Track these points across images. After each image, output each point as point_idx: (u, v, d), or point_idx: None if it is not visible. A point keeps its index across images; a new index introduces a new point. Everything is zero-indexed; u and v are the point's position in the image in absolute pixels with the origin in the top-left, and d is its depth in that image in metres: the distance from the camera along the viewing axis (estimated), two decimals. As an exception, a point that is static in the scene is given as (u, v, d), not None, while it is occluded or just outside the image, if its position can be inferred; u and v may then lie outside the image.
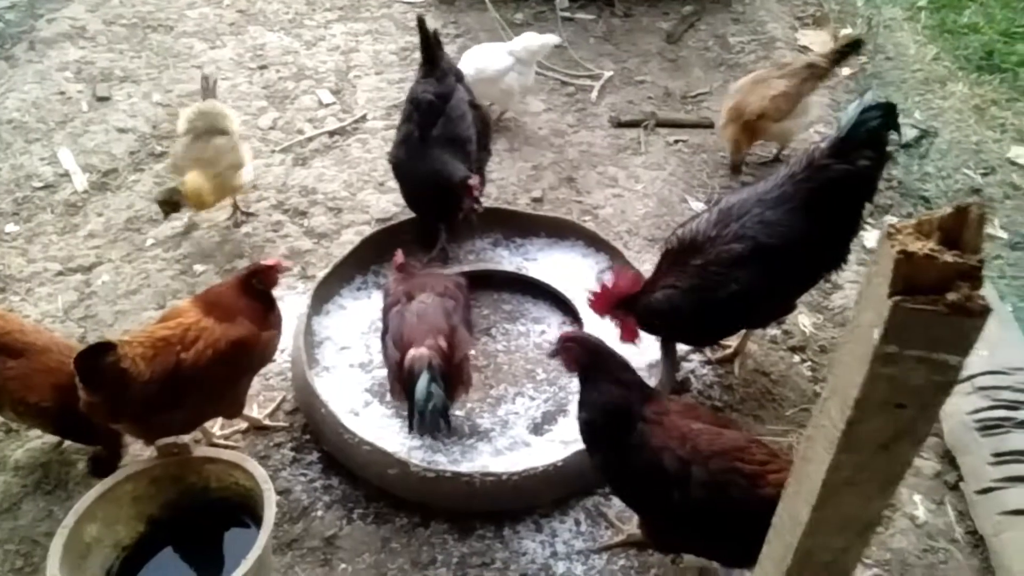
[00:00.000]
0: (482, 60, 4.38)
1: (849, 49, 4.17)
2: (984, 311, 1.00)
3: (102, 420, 2.52)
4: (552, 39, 4.65)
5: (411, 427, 2.72)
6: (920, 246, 1.00)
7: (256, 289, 2.70)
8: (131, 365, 2.38)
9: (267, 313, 2.74)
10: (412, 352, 2.66)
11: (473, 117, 3.64)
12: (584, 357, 2.40)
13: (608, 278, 3.14)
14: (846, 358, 1.16)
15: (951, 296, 1.00)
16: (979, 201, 1.07)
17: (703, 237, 2.85)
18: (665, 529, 2.42)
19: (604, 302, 3.03)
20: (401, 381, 2.72)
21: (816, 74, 4.10)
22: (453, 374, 2.72)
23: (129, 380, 2.37)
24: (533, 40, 4.53)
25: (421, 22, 3.63)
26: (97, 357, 2.32)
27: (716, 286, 2.80)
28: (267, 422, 3.00)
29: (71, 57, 5.14)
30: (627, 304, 3.00)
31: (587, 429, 2.41)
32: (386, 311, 2.96)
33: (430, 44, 3.64)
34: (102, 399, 2.38)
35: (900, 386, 1.09)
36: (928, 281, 1.01)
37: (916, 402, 1.10)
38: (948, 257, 1.00)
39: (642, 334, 3.06)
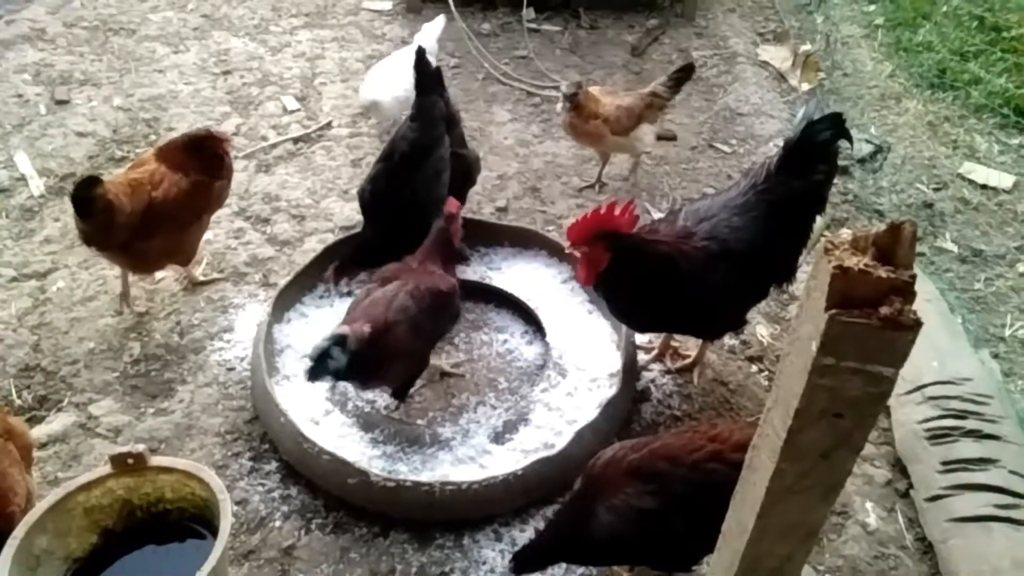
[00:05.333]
0: (399, 82, 4.28)
1: (684, 75, 4.16)
2: (915, 325, 1.03)
3: (95, 247, 3.16)
4: (440, 20, 4.86)
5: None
6: (855, 261, 1.04)
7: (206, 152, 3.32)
8: (116, 199, 3.03)
9: (219, 167, 3.37)
10: (336, 327, 2.71)
11: (455, 167, 3.44)
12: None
13: (603, 206, 2.71)
14: (788, 369, 1.19)
15: (884, 310, 1.03)
16: (911, 219, 1.10)
17: (687, 231, 2.85)
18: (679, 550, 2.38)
19: (588, 227, 2.68)
20: None
21: (657, 104, 4.12)
22: (370, 364, 2.72)
23: (115, 211, 3.03)
24: (432, 29, 4.75)
25: (420, 54, 3.43)
26: (88, 188, 2.95)
27: (698, 276, 2.77)
28: (201, 278, 3.58)
29: (29, 59, 5.06)
30: (612, 240, 2.69)
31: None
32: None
33: (423, 83, 3.42)
34: (94, 227, 3.05)
35: (838, 396, 1.12)
36: (863, 295, 1.04)
37: (853, 412, 1.14)
38: (882, 272, 1.04)
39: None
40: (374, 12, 5.88)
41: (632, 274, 2.75)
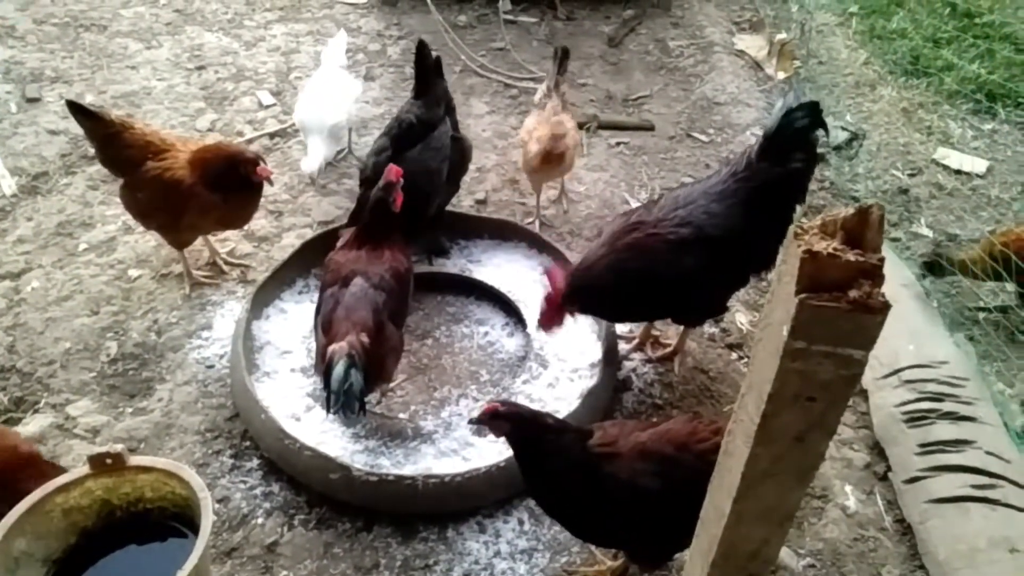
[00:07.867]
0: (336, 105, 4.19)
1: (564, 58, 3.98)
2: (884, 307, 1.04)
3: (102, 161, 3.55)
4: (341, 35, 4.69)
5: (327, 409, 2.71)
6: (824, 246, 1.05)
7: (238, 173, 3.30)
8: (116, 132, 3.34)
9: (230, 191, 3.33)
10: (334, 346, 2.67)
11: (453, 150, 3.57)
12: (514, 430, 2.29)
13: (546, 288, 2.99)
14: (760, 354, 1.20)
15: (853, 293, 1.04)
16: (878, 202, 1.11)
17: (651, 219, 2.89)
18: (667, 540, 2.35)
19: (554, 311, 2.97)
20: (323, 366, 2.73)
21: (565, 101, 3.96)
22: (373, 370, 2.74)
23: (113, 139, 3.35)
24: (337, 46, 4.56)
25: (422, 46, 3.59)
26: (86, 115, 3.36)
27: (661, 264, 2.83)
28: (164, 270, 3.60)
29: (-1, 57, 4.99)
30: (565, 299, 2.94)
31: (548, 497, 2.35)
32: (323, 289, 2.95)
33: (426, 70, 3.58)
34: (97, 145, 3.45)
35: (809, 380, 1.13)
36: (832, 279, 1.05)
37: (825, 395, 1.15)
38: (850, 256, 1.05)
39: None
40: (349, 5, 5.84)
41: (599, 299, 2.96)
